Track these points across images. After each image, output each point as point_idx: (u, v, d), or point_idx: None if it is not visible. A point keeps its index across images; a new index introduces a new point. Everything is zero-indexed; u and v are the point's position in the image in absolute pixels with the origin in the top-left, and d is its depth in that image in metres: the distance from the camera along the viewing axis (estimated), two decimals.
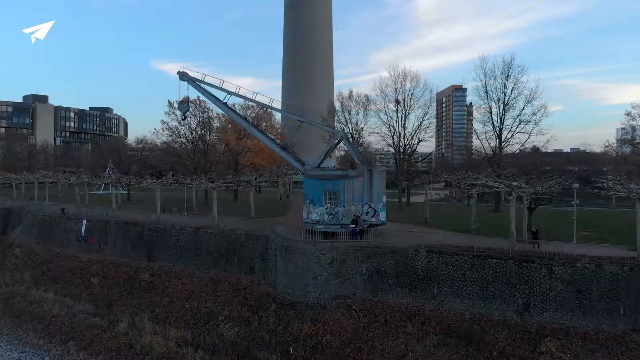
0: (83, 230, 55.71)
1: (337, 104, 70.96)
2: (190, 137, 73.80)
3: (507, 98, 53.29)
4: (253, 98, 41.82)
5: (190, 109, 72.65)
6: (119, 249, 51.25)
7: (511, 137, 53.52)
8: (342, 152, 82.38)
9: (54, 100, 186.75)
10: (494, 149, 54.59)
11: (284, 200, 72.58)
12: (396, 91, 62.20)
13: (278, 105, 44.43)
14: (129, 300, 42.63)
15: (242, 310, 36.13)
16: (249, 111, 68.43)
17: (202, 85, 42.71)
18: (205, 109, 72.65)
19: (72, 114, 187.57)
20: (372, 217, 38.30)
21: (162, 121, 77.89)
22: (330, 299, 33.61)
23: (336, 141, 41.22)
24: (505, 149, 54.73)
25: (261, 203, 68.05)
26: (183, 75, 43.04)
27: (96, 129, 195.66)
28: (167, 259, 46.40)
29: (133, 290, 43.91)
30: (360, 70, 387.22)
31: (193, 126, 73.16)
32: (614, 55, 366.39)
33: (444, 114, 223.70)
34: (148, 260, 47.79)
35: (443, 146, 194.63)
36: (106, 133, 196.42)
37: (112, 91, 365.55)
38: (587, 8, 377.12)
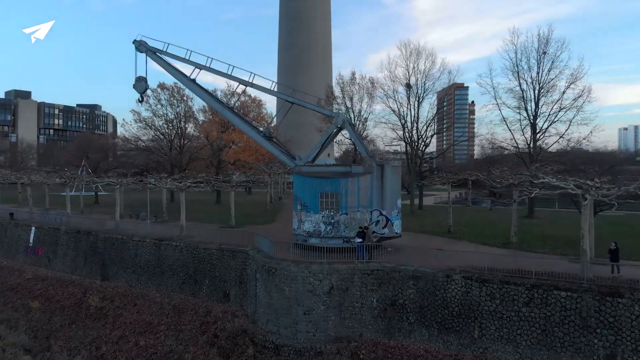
0: (31, 240, 46.61)
1: (336, 90, 60.44)
2: (166, 129, 64.23)
3: (542, 79, 43.93)
4: (229, 73, 32.43)
5: (167, 96, 63.86)
6: (70, 263, 42.13)
7: (549, 126, 44.14)
8: (343, 148, 72.61)
9: (47, 98, 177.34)
10: (528, 142, 45.07)
11: (274, 204, 63.17)
12: (408, 72, 51.97)
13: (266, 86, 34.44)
14: (72, 331, 34.54)
15: (210, 353, 27.48)
16: (234, 99, 58.96)
17: (164, 57, 33.42)
18: (184, 98, 63.12)
19: (57, 111, 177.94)
20: (383, 227, 28.86)
21: (133, 110, 69.03)
22: (328, 342, 24.66)
23: (336, 128, 31.83)
24: (539, 142, 45.13)
25: (248, 207, 59.14)
26: (140, 46, 33.83)
27: (83, 127, 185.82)
28: (123, 277, 37.27)
29: (78, 319, 35.58)
30: (358, 71, 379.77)
31: (170, 117, 63.67)
32: (613, 55, 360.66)
33: (444, 113, 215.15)
34: (102, 279, 38.77)
35: (444, 144, 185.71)
36: (94, 131, 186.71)
37: (107, 90, 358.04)
38: (587, 8, 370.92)
